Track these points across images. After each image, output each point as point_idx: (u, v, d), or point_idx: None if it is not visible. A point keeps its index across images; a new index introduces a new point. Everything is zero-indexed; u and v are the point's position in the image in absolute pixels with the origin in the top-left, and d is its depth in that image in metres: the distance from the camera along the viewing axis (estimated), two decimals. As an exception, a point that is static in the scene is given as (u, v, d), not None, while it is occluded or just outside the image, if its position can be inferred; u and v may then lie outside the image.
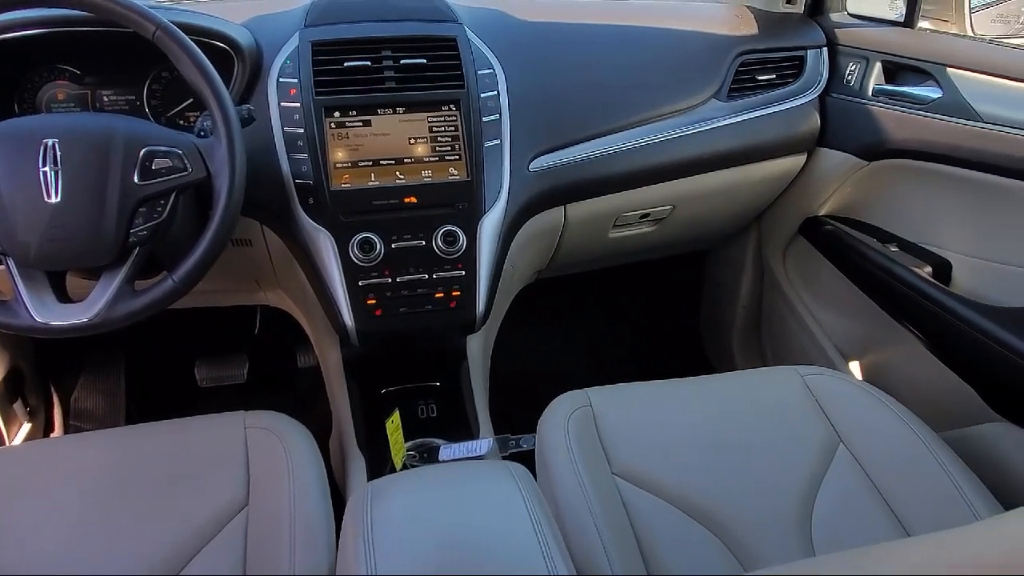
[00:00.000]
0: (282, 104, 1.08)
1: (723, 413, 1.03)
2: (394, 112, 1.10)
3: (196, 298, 1.10)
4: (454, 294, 1.11)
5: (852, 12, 1.44)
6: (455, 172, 1.11)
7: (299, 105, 1.08)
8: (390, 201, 1.09)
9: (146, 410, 1.72)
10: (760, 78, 1.35)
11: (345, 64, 1.10)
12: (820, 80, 1.38)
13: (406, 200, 1.09)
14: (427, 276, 1.10)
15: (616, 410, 1.02)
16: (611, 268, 1.70)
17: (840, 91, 1.37)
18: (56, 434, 1.63)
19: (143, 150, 0.89)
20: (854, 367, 1.42)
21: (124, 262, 0.90)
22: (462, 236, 1.09)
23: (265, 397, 1.69)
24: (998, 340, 1.05)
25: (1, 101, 1.12)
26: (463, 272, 1.10)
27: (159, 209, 0.90)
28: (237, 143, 0.90)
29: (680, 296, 1.96)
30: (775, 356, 1.67)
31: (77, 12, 0.92)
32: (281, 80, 1.09)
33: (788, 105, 1.36)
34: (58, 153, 0.86)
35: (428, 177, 1.10)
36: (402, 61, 1.12)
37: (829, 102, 1.38)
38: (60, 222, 0.86)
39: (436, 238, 1.09)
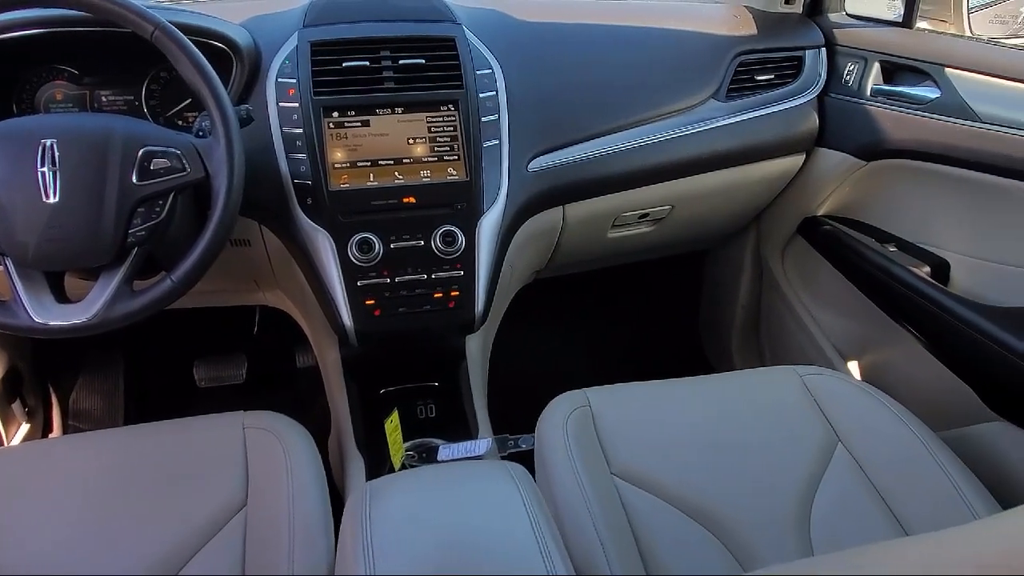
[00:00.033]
0: (281, 104, 1.08)
1: (722, 413, 1.04)
2: (393, 112, 1.10)
3: (195, 298, 1.10)
4: (453, 294, 1.11)
5: (850, 12, 1.44)
6: (454, 172, 1.11)
7: (298, 105, 1.08)
8: (389, 201, 1.09)
9: (145, 410, 1.71)
10: (759, 78, 1.36)
11: (344, 64, 1.10)
12: (818, 80, 1.38)
13: (405, 200, 1.09)
14: (426, 276, 1.09)
15: (615, 410, 1.02)
16: (610, 268, 1.70)
17: (838, 91, 1.37)
18: (55, 435, 1.63)
19: (141, 150, 0.88)
20: (853, 367, 1.42)
21: (122, 262, 0.90)
22: (461, 236, 1.09)
23: (264, 397, 1.69)
24: (996, 340, 1.06)
25: (-1, 101, 1.12)
26: (462, 272, 1.10)
27: (157, 209, 0.90)
28: (235, 143, 0.90)
29: (679, 296, 1.96)
30: (774, 356, 1.67)
31: (75, 12, 0.92)
32: (280, 80, 1.09)
33: (787, 105, 1.36)
34: (56, 153, 0.86)
35: (427, 177, 1.10)
36: (401, 61, 1.11)
37: (827, 102, 1.39)
38: (58, 222, 0.86)
39: (435, 238, 1.09)
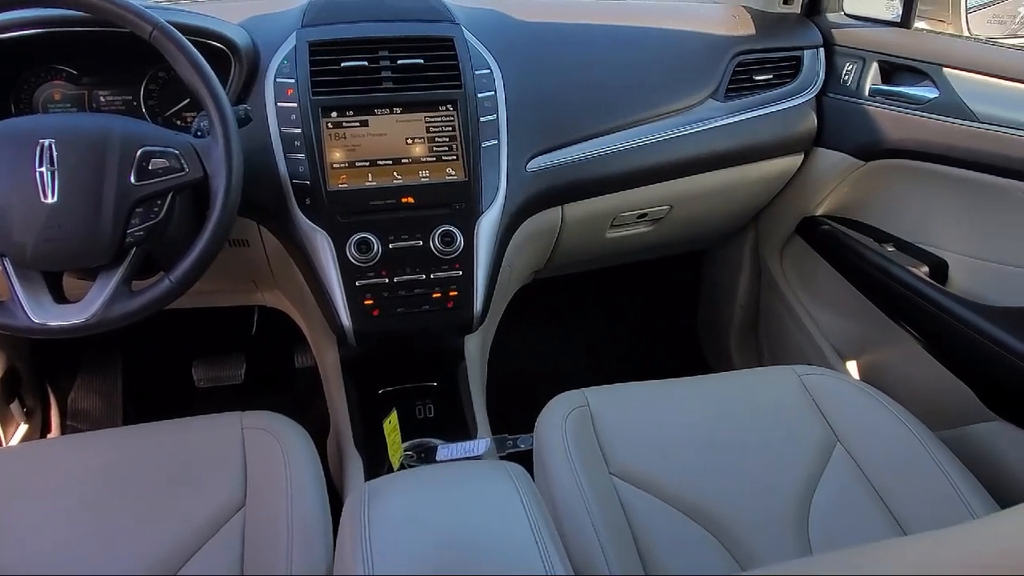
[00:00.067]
0: (279, 104, 1.08)
1: (721, 413, 1.04)
2: (391, 112, 1.10)
3: (193, 298, 1.10)
4: (451, 294, 1.11)
5: (849, 12, 1.44)
6: (452, 172, 1.11)
7: (296, 105, 1.08)
8: (387, 201, 1.09)
9: (143, 411, 1.71)
10: (757, 78, 1.36)
11: (342, 64, 1.09)
12: (817, 80, 1.39)
13: (403, 200, 1.09)
14: (424, 276, 1.09)
15: (613, 410, 1.02)
16: (609, 268, 1.70)
17: (837, 91, 1.37)
18: (53, 435, 1.63)
19: (140, 150, 0.88)
20: (851, 367, 1.42)
21: (121, 262, 0.90)
22: (459, 236, 1.09)
23: (262, 397, 1.69)
24: (994, 339, 1.06)
25: (-3, 101, 1.12)
26: (460, 272, 1.10)
27: (156, 209, 0.90)
28: (234, 143, 0.90)
29: (678, 296, 1.96)
30: (772, 356, 1.68)
31: (74, 12, 0.92)
32: (278, 80, 1.09)
33: (785, 105, 1.36)
34: (54, 153, 0.86)
35: (425, 177, 1.10)
36: (399, 61, 1.11)
37: (826, 102, 1.39)
38: (56, 222, 0.85)
39: (433, 238, 1.09)
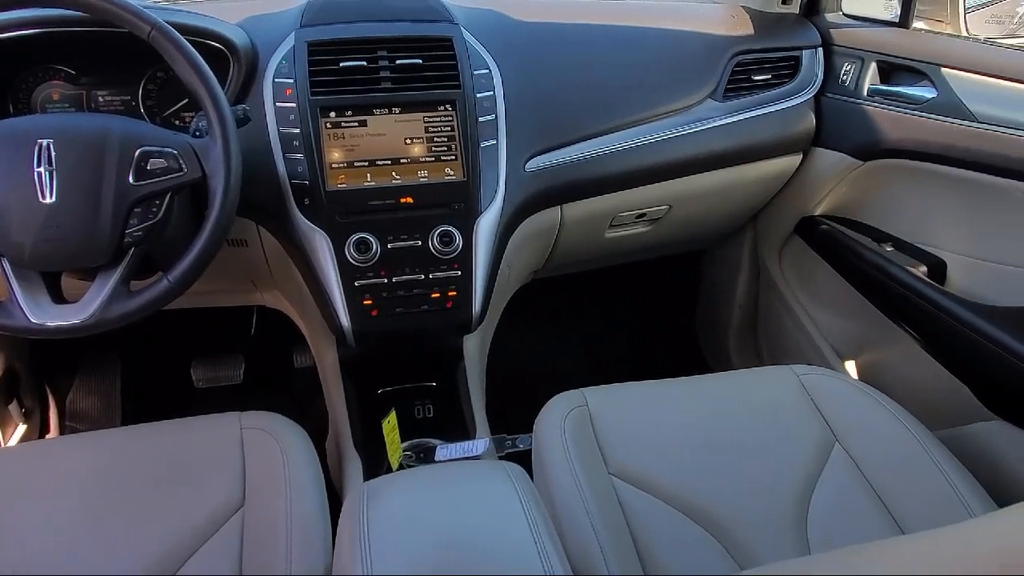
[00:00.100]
0: (278, 104, 1.08)
1: (719, 413, 1.04)
2: (390, 112, 1.10)
3: (192, 299, 1.10)
4: (450, 294, 1.11)
5: (847, 12, 1.44)
6: (451, 172, 1.11)
7: (295, 105, 1.08)
8: (386, 201, 1.09)
9: (142, 411, 1.71)
10: (756, 78, 1.36)
11: (341, 64, 1.09)
12: (815, 80, 1.39)
13: (402, 200, 1.09)
14: (423, 276, 1.09)
15: (612, 410, 1.02)
16: (607, 268, 1.70)
17: (835, 91, 1.37)
18: (52, 435, 1.63)
19: (138, 150, 0.88)
20: (850, 366, 1.42)
21: (119, 263, 0.90)
22: (458, 236, 1.09)
23: (261, 398, 1.69)
24: (993, 339, 1.06)
25: (-4, 101, 1.12)
26: (459, 272, 1.10)
27: (154, 209, 0.90)
28: (232, 143, 0.90)
29: (676, 296, 1.96)
30: (771, 356, 1.68)
31: (72, 12, 0.92)
32: (277, 80, 1.09)
33: (784, 105, 1.36)
34: (53, 153, 0.86)
35: (424, 177, 1.10)
36: (398, 61, 1.11)
37: (824, 102, 1.39)
38: (55, 222, 0.85)
39: (432, 238, 1.09)
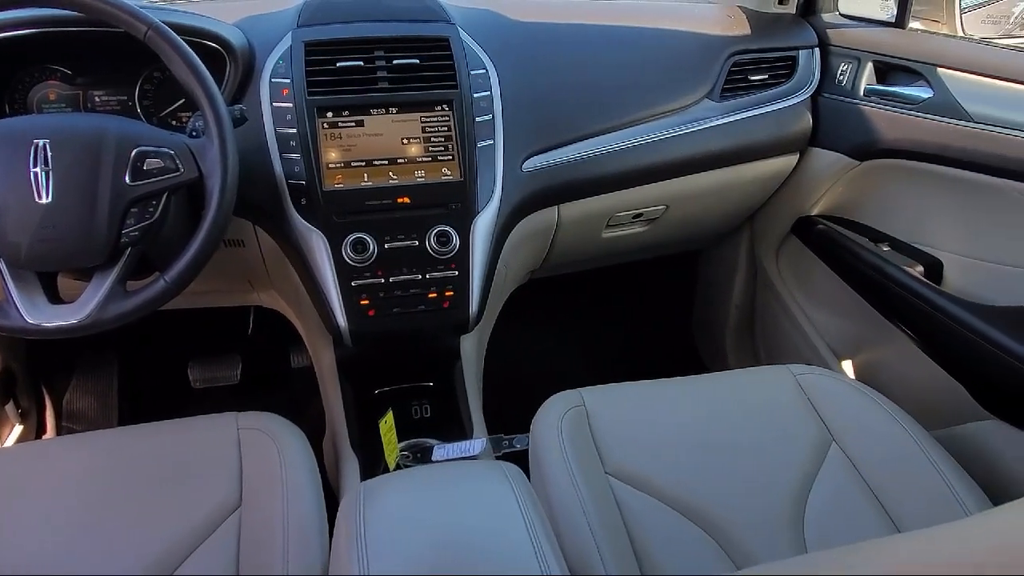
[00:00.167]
0: (275, 104, 1.08)
1: (716, 412, 1.04)
2: (387, 112, 1.10)
3: (189, 299, 1.10)
4: (447, 294, 1.11)
5: (844, 12, 1.45)
6: (448, 172, 1.11)
7: (292, 105, 1.08)
8: (383, 201, 1.09)
9: (139, 411, 1.71)
10: (752, 78, 1.36)
11: (338, 64, 1.09)
12: (812, 80, 1.39)
13: (399, 200, 1.09)
14: (420, 276, 1.09)
15: (609, 410, 1.02)
16: (604, 268, 1.70)
17: (832, 91, 1.38)
18: (48, 436, 1.62)
19: (135, 150, 0.88)
20: (846, 366, 1.42)
21: (116, 263, 0.90)
22: (455, 236, 1.09)
23: (258, 398, 1.69)
24: (989, 339, 1.06)
25: (-8, 101, 1.12)
26: (456, 272, 1.10)
27: (151, 210, 0.90)
28: (229, 143, 0.90)
29: (673, 296, 1.96)
30: (768, 355, 1.68)
31: (68, 12, 0.92)
32: (274, 80, 1.09)
33: (780, 105, 1.36)
34: (49, 154, 0.85)
35: (421, 177, 1.10)
36: (395, 61, 1.11)
37: (821, 102, 1.39)
38: (51, 223, 0.85)
39: (429, 238, 1.09)
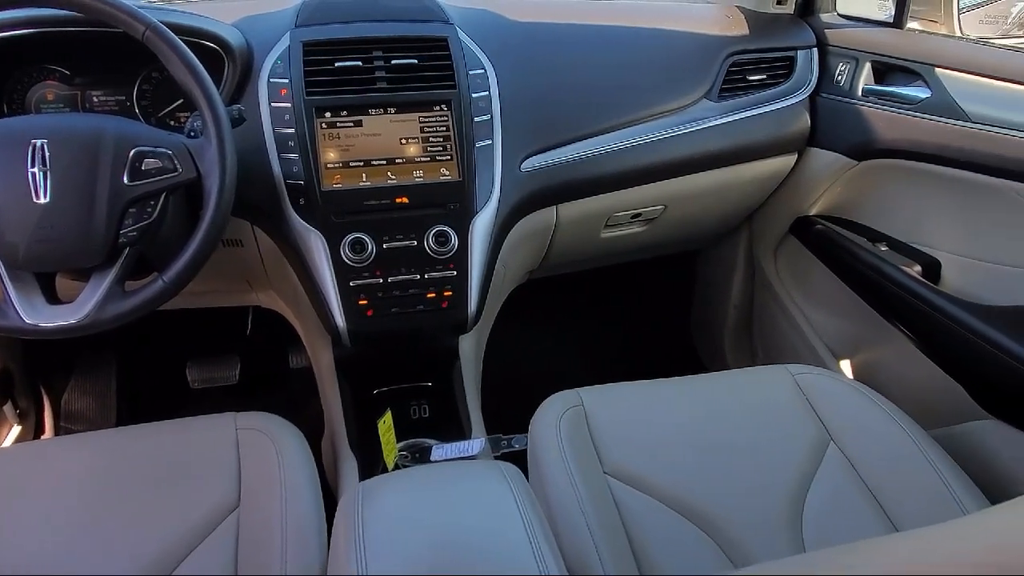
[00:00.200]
0: (273, 104, 1.08)
1: (714, 412, 1.04)
2: (385, 112, 1.10)
3: (187, 299, 1.10)
4: (446, 294, 1.11)
5: (842, 13, 1.45)
6: (447, 172, 1.11)
7: (290, 105, 1.08)
8: (381, 201, 1.09)
9: (137, 412, 1.71)
10: (751, 78, 1.36)
11: (336, 64, 1.09)
12: (810, 80, 1.39)
13: (397, 200, 1.09)
14: (419, 276, 1.09)
15: (608, 410, 1.02)
16: (603, 268, 1.70)
17: (830, 91, 1.38)
18: (47, 436, 1.62)
19: (133, 151, 0.88)
20: (845, 366, 1.42)
21: (114, 263, 0.90)
22: (454, 236, 1.09)
23: (257, 398, 1.69)
24: (987, 338, 1.06)
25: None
26: (455, 272, 1.10)
27: (149, 210, 0.90)
28: (227, 143, 0.90)
29: (672, 296, 1.96)
30: (766, 355, 1.68)
31: (66, 12, 0.92)
32: (272, 80, 1.09)
33: (778, 105, 1.36)
34: (47, 154, 0.85)
35: (419, 177, 1.10)
36: (393, 61, 1.11)
37: (819, 102, 1.39)
38: (49, 223, 0.85)
39: (428, 238, 1.09)
